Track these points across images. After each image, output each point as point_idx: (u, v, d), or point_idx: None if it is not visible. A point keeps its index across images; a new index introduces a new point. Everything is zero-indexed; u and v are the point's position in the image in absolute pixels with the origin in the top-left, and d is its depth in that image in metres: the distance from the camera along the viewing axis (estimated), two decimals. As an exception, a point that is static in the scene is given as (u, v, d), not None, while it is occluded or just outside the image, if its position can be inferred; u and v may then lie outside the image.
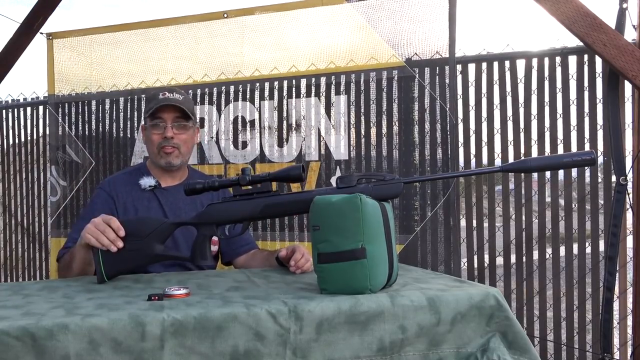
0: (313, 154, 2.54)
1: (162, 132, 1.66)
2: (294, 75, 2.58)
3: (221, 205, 1.35)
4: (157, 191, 1.69)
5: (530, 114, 2.47)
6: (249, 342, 0.99)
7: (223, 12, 2.68)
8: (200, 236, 1.36)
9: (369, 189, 1.22)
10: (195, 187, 1.37)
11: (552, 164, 1.24)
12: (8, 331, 0.90)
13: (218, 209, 1.35)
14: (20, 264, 3.60)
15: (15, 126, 3.53)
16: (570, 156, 1.20)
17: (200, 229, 1.36)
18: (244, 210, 1.32)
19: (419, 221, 2.39)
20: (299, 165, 1.30)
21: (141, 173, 1.71)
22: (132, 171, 1.77)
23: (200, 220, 1.36)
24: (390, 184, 1.23)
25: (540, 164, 1.25)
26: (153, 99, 1.69)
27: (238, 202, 1.33)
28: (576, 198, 2.42)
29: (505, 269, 2.55)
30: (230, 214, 1.34)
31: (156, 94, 1.69)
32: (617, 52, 2.04)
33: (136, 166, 1.85)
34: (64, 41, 2.93)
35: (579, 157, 1.18)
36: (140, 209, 1.66)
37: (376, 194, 1.21)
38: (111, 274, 1.32)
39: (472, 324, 1.11)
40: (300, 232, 2.55)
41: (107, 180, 1.75)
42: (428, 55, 2.37)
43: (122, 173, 1.81)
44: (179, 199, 1.66)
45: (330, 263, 1.11)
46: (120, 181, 1.72)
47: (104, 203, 1.66)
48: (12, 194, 3.59)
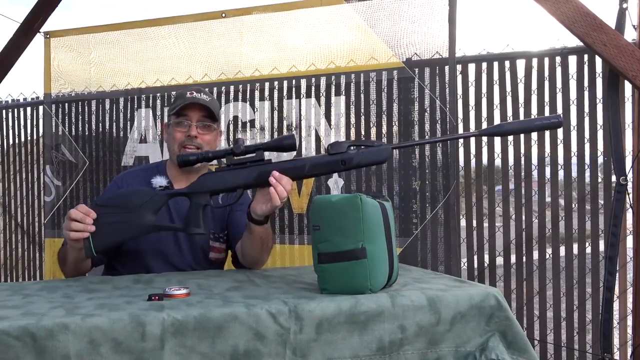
0: (311, 154, 2.54)
1: (186, 131, 1.64)
2: (293, 75, 2.57)
3: (215, 174, 1.36)
4: None
5: (530, 114, 2.47)
6: (249, 342, 0.99)
7: (221, 12, 2.67)
8: (194, 205, 1.35)
9: (359, 155, 1.25)
10: (189, 159, 1.38)
11: (525, 127, 1.36)
12: (8, 331, 0.90)
13: (212, 178, 1.36)
14: (20, 264, 3.60)
15: (15, 126, 3.54)
16: (540, 119, 1.32)
17: (193, 198, 1.36)
18: (237, 178, 1.32)
19: (418, 223, 2.39)
20: (292, 135, 1.31)
21: (157, 171, 1.70)
22: (149, 168, 1.77)
23: (194, 189, 1.36)
24: (379, 148, 1.27)
25: (514, 127, 1.37)
26: (180, 97, 1.68)
27: (232, 170, 1.33)
28: (576, 198, 2.42)
29: (505, 269, 2.55)
30: (224, 182, 1.34)
31: (184, 93, 1.68)
32: (617, 52, 2.04)
33: (155, 164, 1.84)
34: (62, 40, 2.92)
35: (548, 120, 1.29)
36: None
37: (366, 159, 1.25)
38: (100, 248, 1.32)
39: (472, 324, 1.11)
40: (300, 235, 2.55)
41: (123, 174, 1.76)
42: (428, 56, 2.37)
43: (139, 169, 1.81)
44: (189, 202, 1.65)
45: (331, 263, 1.11)
46: (136, 176, 1.72)
47: None
48: (11, 194, 3.58)
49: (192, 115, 1.64)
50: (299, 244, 2.55)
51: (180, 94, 1.70)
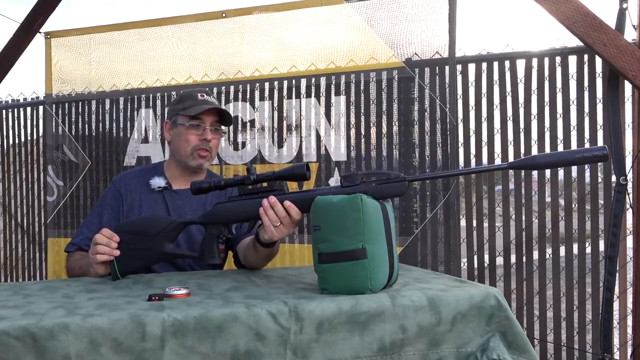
0: (311, 154, 2.54)
1: (201, 134, 1.64)
2: (293, 75, 2.57)
3: (228, 204, 1.37)
4: (166, 193, 1.68)
5: (530, 114, 2.47)
6: (249, 342, 0.99)
7: (222, 12, 2.68)
8: (208, 236, 1.38)
9: (372, 188, 1.20)
10: (202, 187, 1.39)
11: (562, 160, 1.16)
12: (8, 331, 0.90)
13: (225, 208, 1.37)
14: (20, 264, 3.60)
15: (15, 126, 3.54)
16: (581, 152, 1.11)
17: (208, 229, 1.38)
18: (249, 209, 1.33)
19: (418, 223, 2.39)
20: (303, 164, 1.30)
21: (155, 172, 1.71)
22: (147, 169, 1.76)
23: (207, 219, 1.38)
24: (395, 183, 1.20)
25: (549, 160, 1.16)
26: (190, 98, 1.67)
27: (244, 201, 1.35)
28: (576, 198, 2.42)
29: (505, 269, 2.55)
30: (236, 212, 1.35)
31: (193, 94, 1.67)
32: (617, 52, 2.04)
33: (152, 164, 1.84)
34: (62, 40, 2.93)
35: (590, 153, 1.10)
36: (145, 208, 1.65)
37: (381, 193, 1.19)
38: (124, 272, 1.37)
39: (472, 324, 1.11)
40: (300, 234, 2.55)
41: (121, 176, 1.76)
42: (428, 55, 2.37)
43: (137, 170, 1.81)
44: (187, 202, 1.65)
45: (331, 263, 1.11)
46: (133, 177, 1.72)
47: (112, 198, 1.68)
48: (12, 194, 3.58)
49: (207, 119, 1.65)
50: (299, 244, 2.56)
51: (190, 95, 1.69)
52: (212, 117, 1.66)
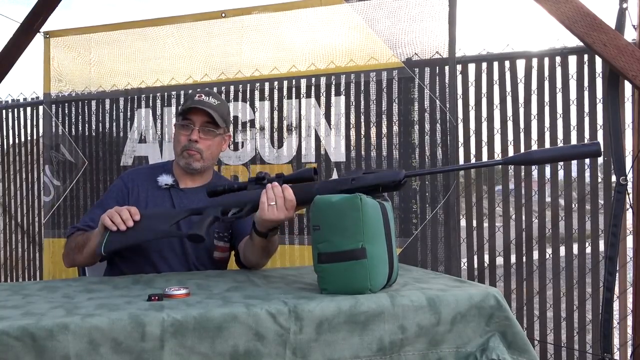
0: (311, 155, 2.54)
1: (189, 134, 1.65)
2: (293, 75, 2.57)
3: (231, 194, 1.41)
4: (172, 191, 1.69)
5: (530, 114, 2.47)
6: (249, 342, 0.99)
7: (221, 12, 2.67)
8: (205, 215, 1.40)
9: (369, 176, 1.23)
10: (217, 190, 1.43)
11: (557, 155, 1.21)
12: (8, 331, 0.90)
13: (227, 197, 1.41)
14: (20, 264, 3.59)
15: (15, 126, 3.54)
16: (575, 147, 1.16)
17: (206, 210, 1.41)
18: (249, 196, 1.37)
19: (417, 224, 2.39)
20: (311, 168, 1.32)
21: (163, 170, 1.73)
22: (157, 167, 1.79)
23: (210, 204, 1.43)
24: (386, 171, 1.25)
25: (544, 155, 1.20)
26: (189, 98, 1.69)
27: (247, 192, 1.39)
28: (576, 198, 2.42)
29: (505, 269, 2.55)
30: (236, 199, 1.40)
31: (193, 94, 1.68)
32: (617, 52, 2.04)
33: (162, 163, 1.86)
34: (62, 40, 2.93)
35: (584, 148, 1.14)
36: (150, 205, 1.66)
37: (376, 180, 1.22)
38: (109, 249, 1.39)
39: (472, 324, 1.11)
40: (300, 235, 2.55)
41: (130, 171, 1.79)
42: (428, 55, 2.37)
43: (147, 167, 1.85)
44: (194, 201, 1.66)
45: (331, 263, 1.11)
46: (142, 174, 1.74)
47: (117, 192, 1.70)
48: (12, 194, 3.58)
49: (196, 119, 1.65)
50: (299, 244, 2.55)
51: (191, 95, 1.70)
52: (202, 117, 1.65)
